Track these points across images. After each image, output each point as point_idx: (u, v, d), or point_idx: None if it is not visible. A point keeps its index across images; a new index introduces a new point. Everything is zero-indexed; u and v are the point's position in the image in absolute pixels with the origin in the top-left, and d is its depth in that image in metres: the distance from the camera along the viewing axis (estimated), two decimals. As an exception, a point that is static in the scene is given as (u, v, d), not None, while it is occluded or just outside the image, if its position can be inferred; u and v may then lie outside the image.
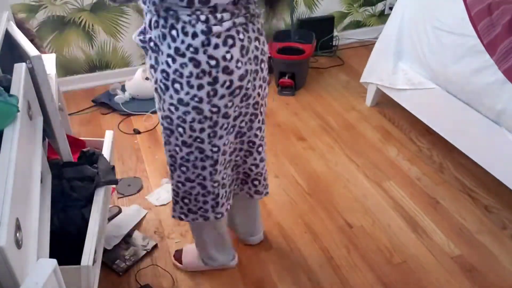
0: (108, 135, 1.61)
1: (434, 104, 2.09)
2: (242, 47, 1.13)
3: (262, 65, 1.23)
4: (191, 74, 1.10)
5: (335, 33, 3.25)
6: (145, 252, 1.68)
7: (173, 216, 1.44)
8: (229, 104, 1.17)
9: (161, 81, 1.16)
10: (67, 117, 1.79)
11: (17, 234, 0.75)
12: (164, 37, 1.10)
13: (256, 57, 1.19)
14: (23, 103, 0.97)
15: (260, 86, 1.25)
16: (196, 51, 1.08)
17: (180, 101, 1.15)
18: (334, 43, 3.23)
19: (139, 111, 2.54)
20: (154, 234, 1.77)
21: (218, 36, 1.08)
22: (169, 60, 1.11)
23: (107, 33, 2.72)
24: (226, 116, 1.19)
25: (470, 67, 1.83)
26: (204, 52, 1.08)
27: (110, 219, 1.79)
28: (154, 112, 2.49)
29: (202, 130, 1.19)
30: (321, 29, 3.10)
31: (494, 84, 1.73)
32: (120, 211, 1.84)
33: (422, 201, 1.92)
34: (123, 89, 2.71)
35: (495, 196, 1.93)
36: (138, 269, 1.63)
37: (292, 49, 2.75)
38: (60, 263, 0.83)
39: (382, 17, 3.39)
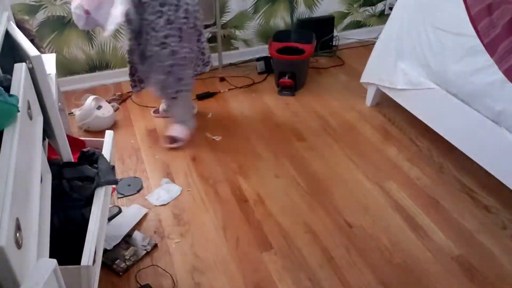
0: (108, 135, 1.61)
1: (434, 104, 2.09)
2: None
3: None
4: None
5: (335, 33, 3.25)
6: (145, 252, 1.68)
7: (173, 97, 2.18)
8: None
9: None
10: (67, 117, 1.80)
11: (17, 234, 0.75)
12: None
13: None
14: (23, 103, 0.97)
15: None
16: None
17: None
18: (334, 43, 3.23)
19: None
20: (154, 234, 1.77)
21: None
22: None
23: (107, 33, 2.72)
24: None
25: (470, 67, 1.83)
26: None
27: (110, 219, 1.79)
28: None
29: None
30: (321, 29, 3.10)
31: (494, 84, 1.73)
32: (120, 211, 1.84)
33: (422, 201, 1.92)
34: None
35: (495, 196, 1.93)
36: (138, 269, 1.63)
37: (292, 49, 2.75)
38: (60, 263, 0.84)
39: (382, 17, 3.39)
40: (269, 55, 2.85)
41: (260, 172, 2.10)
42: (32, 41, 1.40)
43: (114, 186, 1.91)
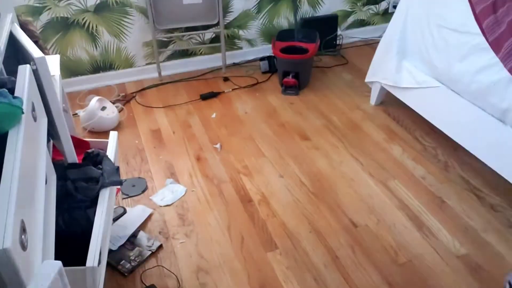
0: (113, 136, 1.61)
1: (438, 102, 2.08)
2: None
3: None
4: None
5: (339, 32, 3.24)
6: (150, 252, 1.68)
7: None
8: None
9: None
10: (71, 118, 1.80)
11: (22, 236, 0.75)
12: None
13: None
14: (27, 105, 0.97)
15: None
16: None
17: None
18: (338, 42, 3.22)
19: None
20: (159, 235, 1.78)
21: None
22: None
23: (110, 34, 2.72)
24: None
25: (475, 65, 1.82)
26: None
27: (115, 219, 1.79)
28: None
29: None
30: (324, 28, 3.10)
31: (500, 82, 1.72)
32: (125, 212, 1.85)
33: (427, 200, 1.91)
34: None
35: (501, 195, 1.92)
36: (143, 269, 1.63)
37: (295, 48, 2.75)
38: (65, 264, 0.84)
39: (386, 15, 3.38)
40: (273, 55, 2.85)
41: (265, 171, 2.09)
42: (36, 42, 1.40)
43: (118, 186, 1.91)
